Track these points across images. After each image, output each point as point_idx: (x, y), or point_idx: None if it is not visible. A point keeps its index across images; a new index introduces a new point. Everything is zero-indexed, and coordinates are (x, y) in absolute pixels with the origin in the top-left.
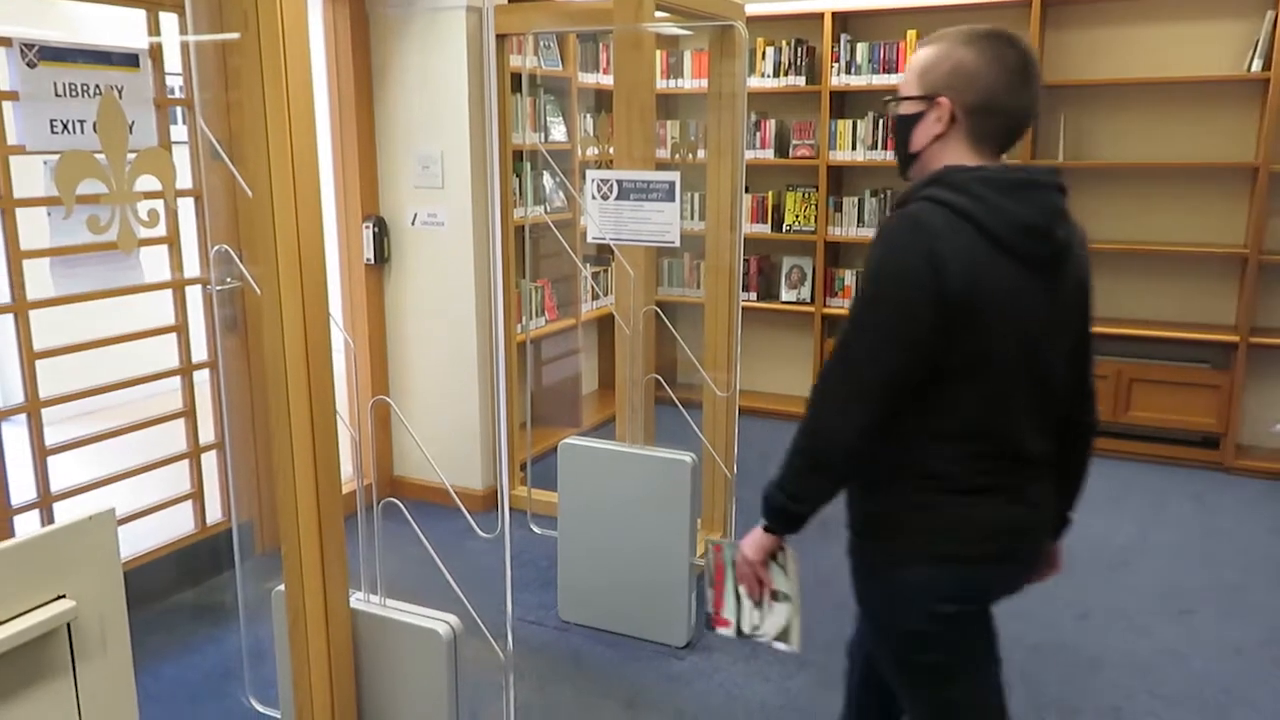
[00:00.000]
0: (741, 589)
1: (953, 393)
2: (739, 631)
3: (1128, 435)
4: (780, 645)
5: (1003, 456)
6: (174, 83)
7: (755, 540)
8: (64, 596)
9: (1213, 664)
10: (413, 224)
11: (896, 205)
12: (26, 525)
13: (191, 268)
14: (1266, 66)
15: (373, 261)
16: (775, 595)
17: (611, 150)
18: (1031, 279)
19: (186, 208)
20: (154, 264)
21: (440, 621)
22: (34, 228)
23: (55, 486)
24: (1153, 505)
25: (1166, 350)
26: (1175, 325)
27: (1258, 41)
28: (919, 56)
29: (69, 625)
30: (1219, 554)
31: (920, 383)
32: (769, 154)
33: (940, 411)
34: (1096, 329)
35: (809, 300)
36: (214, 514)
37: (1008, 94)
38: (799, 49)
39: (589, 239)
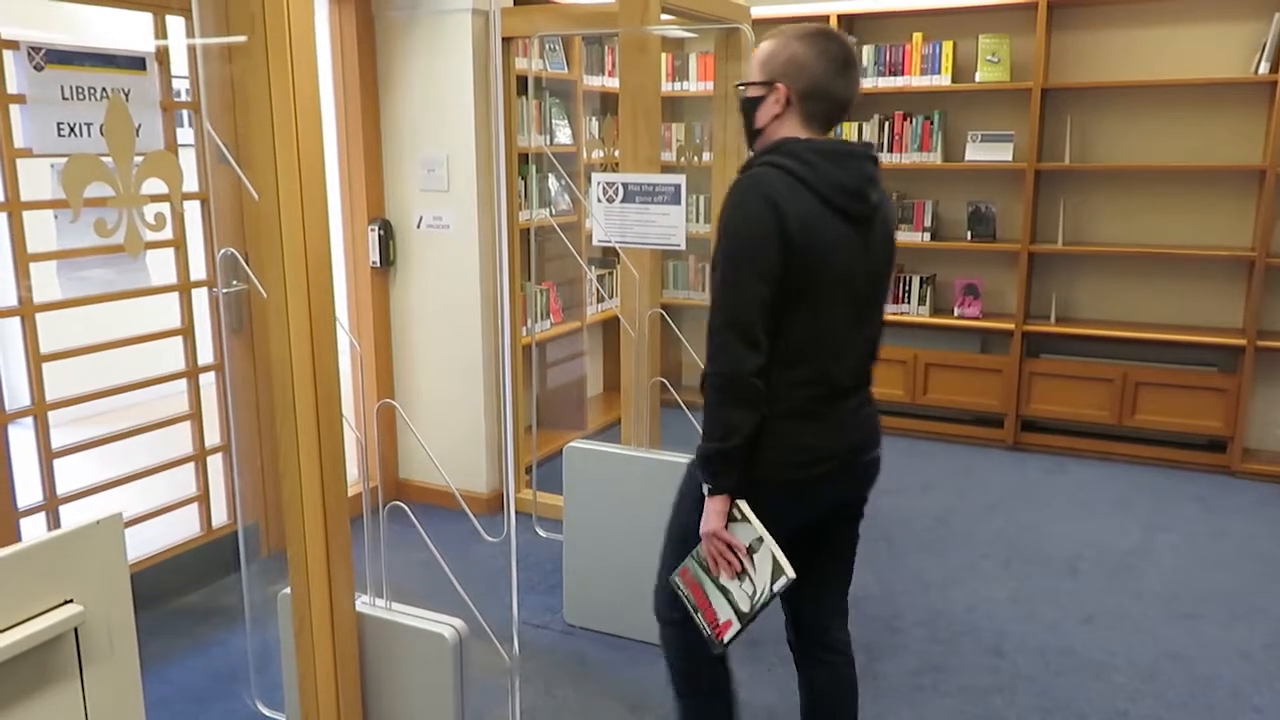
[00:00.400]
0: (722, 578)
1: (790, 327)
2: (742, 618)
3: (1134, 439)
4: (780, 585)
5: (830, 383)
6: (180, 86)
7: (709, 511)
8: (71, 601)
9: (1219, 668)
10: (418, 227)
11: (742, 170)
12: (33, 528)
13: (197, 271)
14: (1274, 69)
15: (378, 264)
16: (750, 549)
17: (617, 153)
18: (851, 231)
19: (192, 211)
20: (160, 267)
21: (446, 625)
22: (41, 231)
23: (61, 489)
24: (1158, 509)
25: (1173, 353)
26: (1182, 328)
27: (1265, 44)
28: (761, 49)
29: (76, 630)
30: (1225, 558)
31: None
32: None
33: (780, 338)
34: (1103, 332)
35: None
36: (220, 517)
37: (832, 82)
38: None
39: (594, 242)
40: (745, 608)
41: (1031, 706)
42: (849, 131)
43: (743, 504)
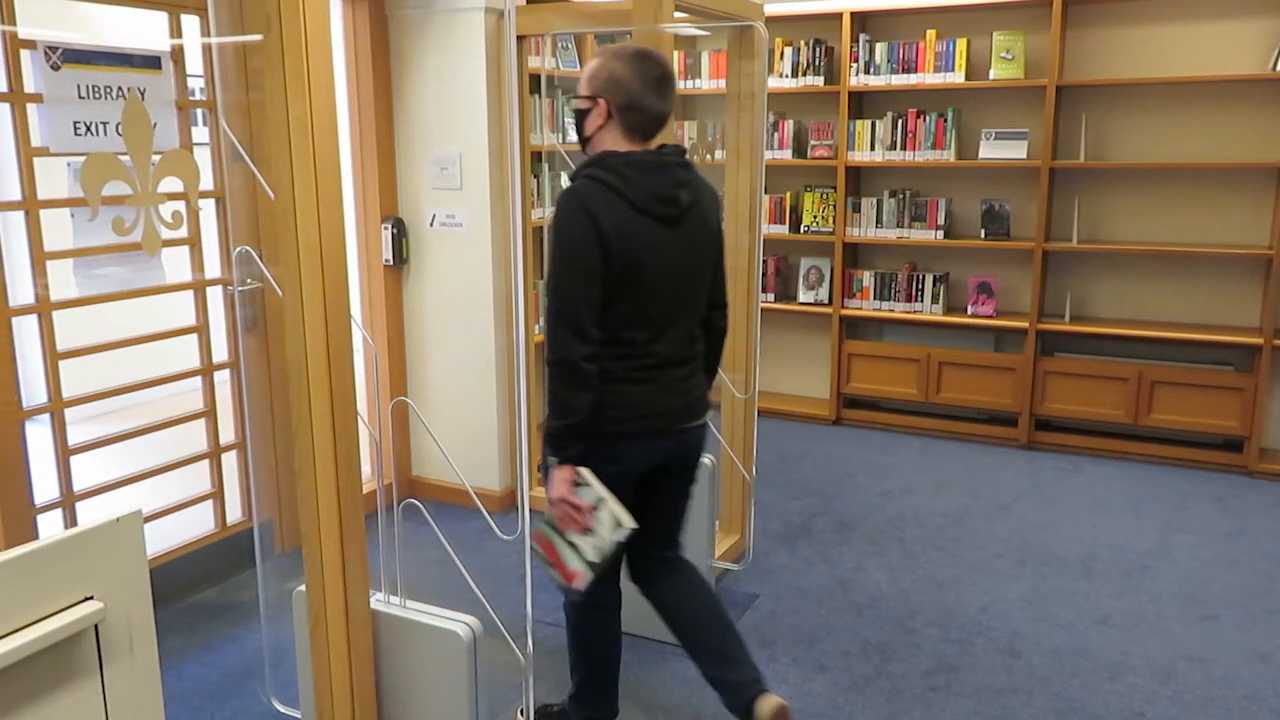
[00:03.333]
0: (570, 534)
1: (613, 313)
2: (592, 567)
3: (1150, 438)
4: (620, 535)
5: (650, 357)
6: (194, 84)
7: (556, 479)
8: (92, 598)
9: (1236, 669)
10: (431, 225)
11: (571, 178)
12: (49, 524)
13: (212, 268)
14: None
15: (391, 263)
16: (594, 508)
17: None
18: (665, 231)
19: (206, 209)
20: (175, 265)
21: (460, 622)
22: (57, 229)
23: (78, 485)
24: (1174, 509)
25: (1189, 352)
26: (1198, 327)
27: None
28: (587, 67)
29: (96, 626)
30: (1242, 558)
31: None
32: (787, 154)
33: (609, 321)
34: (1118, 330)
35: (827, 301)
36: (234, 513)
37: (647, 98)
38: (817, 49)
39: None
40: (594, 557)
41: (1046, 708)
42: (861, 130)
43: (585, 471)
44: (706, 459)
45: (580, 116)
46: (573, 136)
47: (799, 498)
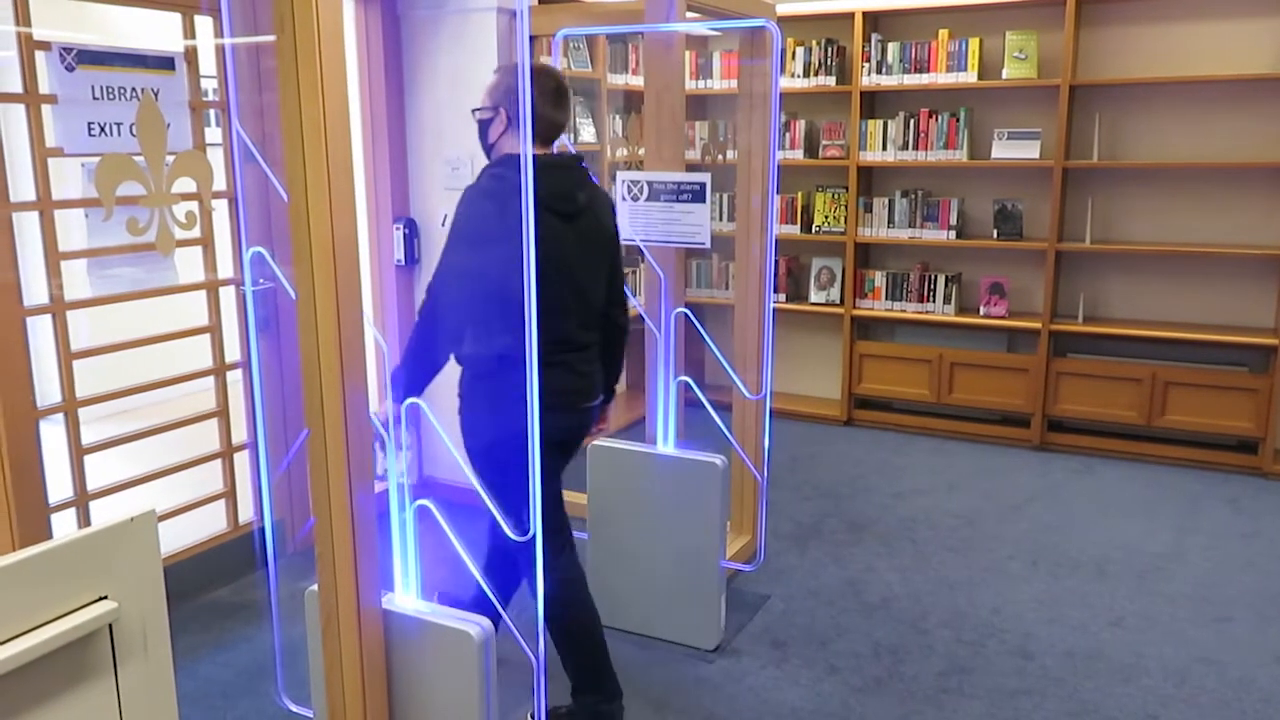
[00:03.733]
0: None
1: None
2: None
3: (1163, 439)
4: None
5: (559, 342)
6: (207, 85)
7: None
8: (106, 597)
9: (1251, 672)
10: (443, 225)
11: (477, 178)
12: (63, 523)
13: (224, 268)
14: None
15: (403, 263)
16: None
17: (641, 151)
18: (563, 226)
19: (219, 209)
20: (187, 265)
21: (472, 624)
22: (70, 229)
23: (90, 485)
24: (1188, 510)
25: (1203, 353)
26: (1212, 328)
27: None
28: (490, 82)
29: (111, 626)
30: (1257, 560)
31: None
32: (798, 154)
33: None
34: (1132, 331)
35: (838, 301)
36: (246, 513)
37: (545, 108)
38: (829, 49)
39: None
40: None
41: (1060, 710)
42: (872, 130)
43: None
44: (718, 459)
45: (484, 126)
46: (585, 137)
47: (810, 499)
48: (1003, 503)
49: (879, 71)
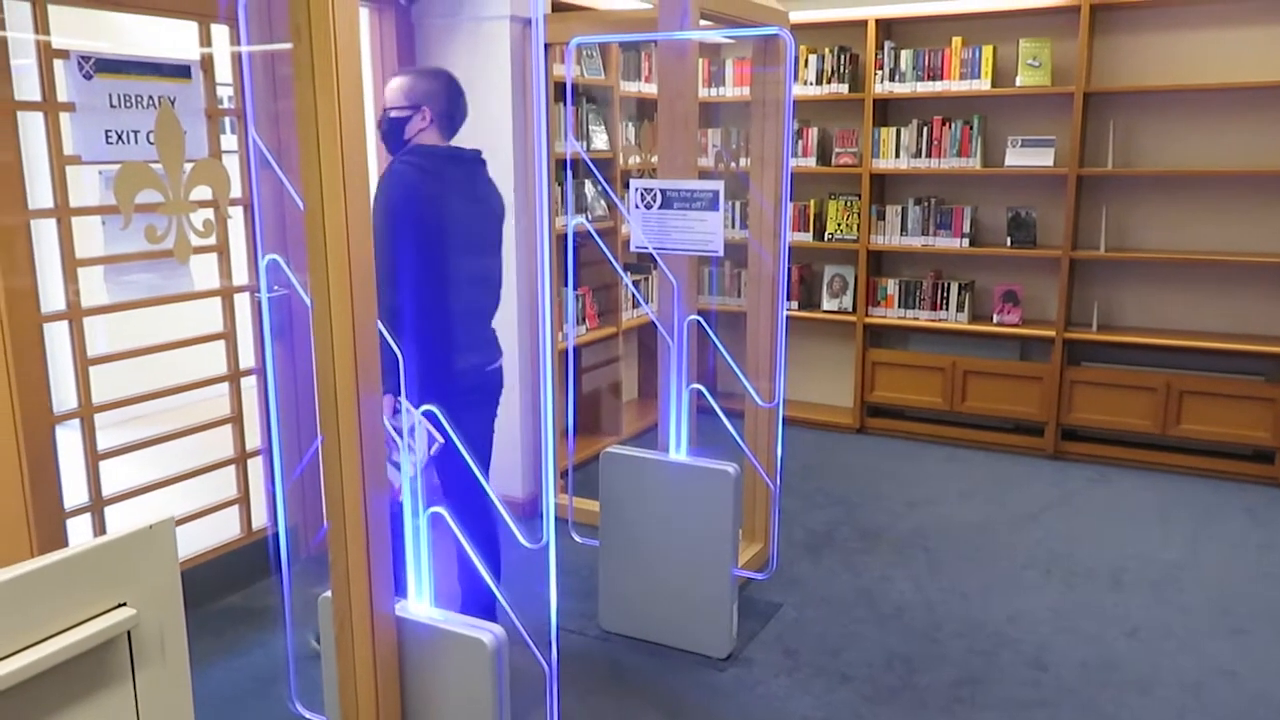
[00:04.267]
0: (395, 456)
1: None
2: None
3: (1178, 449)
4: (435, 450)
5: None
6: (223, 93)
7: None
8: (125, 604)
9: (1269, 684)
10: None
11: (389, 165)
12: (78, 528)
13: (239, 275)
14: None
15: None
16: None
17: (653, 159)
18: (473, 209)
19: (234, 216)
20: (203, 271)
21: (485, 630)
22: (87, 236)
23: (106, 490)
24: (1204, 520)
25: (1218, 362)
26: (1227, 336)
27: None
28: (402, 84)
29: (129, 633)
30: (1274, 571)
31: None
32: (811, 162)
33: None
34: (1146, 340)
35: (851, 309)
36: (259, 519)
37: (454, 105)
38: (842, 56)
39: (631, 247)
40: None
41: None
42: (885, 137)
43: (402, 399)
44: (730, 467)
45: (400, 124)
46: (598, 144)
47: (823, 507)
48: (1016, 512)
49: (892, 79)
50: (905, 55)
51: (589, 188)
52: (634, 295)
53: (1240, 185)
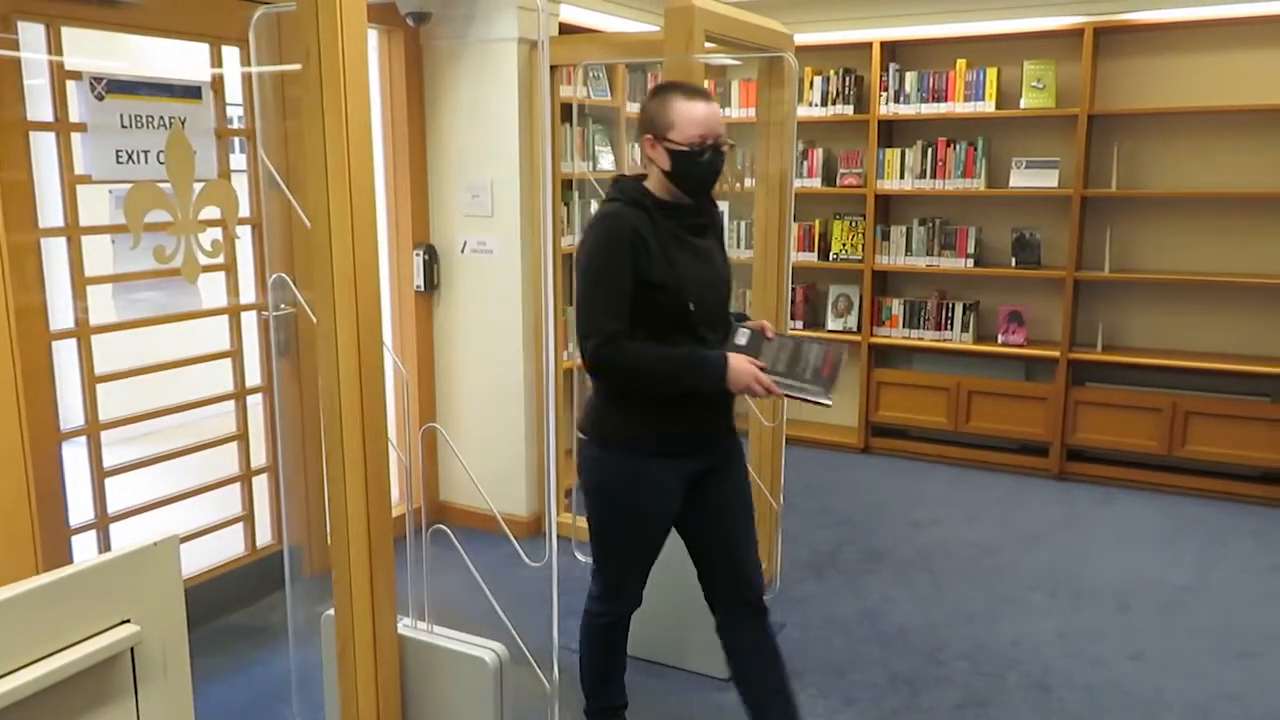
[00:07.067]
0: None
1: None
2: (826, 384)
3: (1185, 470)
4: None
5: None
6: (233, 113)
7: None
8: (128, 621)
9: (1276, 707)
10: (462, 251)
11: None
12: (83, 546)
13: (247, 294)
14: None
15: (422, 288)
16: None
17: None
18: None
19: (242, 235)
20: (211, 290)
21: (486, 649)
22: (96, 255)
23: (112, 507)
24: (1211, 542)
25: (1225, 383)
26: (1234, 357)
27: None
28: (714, 110)
29: (133, 649)
30: None
31: None
32: (816, 182)
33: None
34: (1151, 360)
35: (856, 329)
36: (264, 537)
37: None
38: (847, 78)
39: None
40: (823, 385)
41: None
42: (890, 158)
43: (740, 333)
44: None
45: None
46: (603, 164)
47: (827, 527)
48: (1021, 532)
49: (897, 100)
50: (910, 77)
51: (595, 207)
52: None
53: (1244, 207)
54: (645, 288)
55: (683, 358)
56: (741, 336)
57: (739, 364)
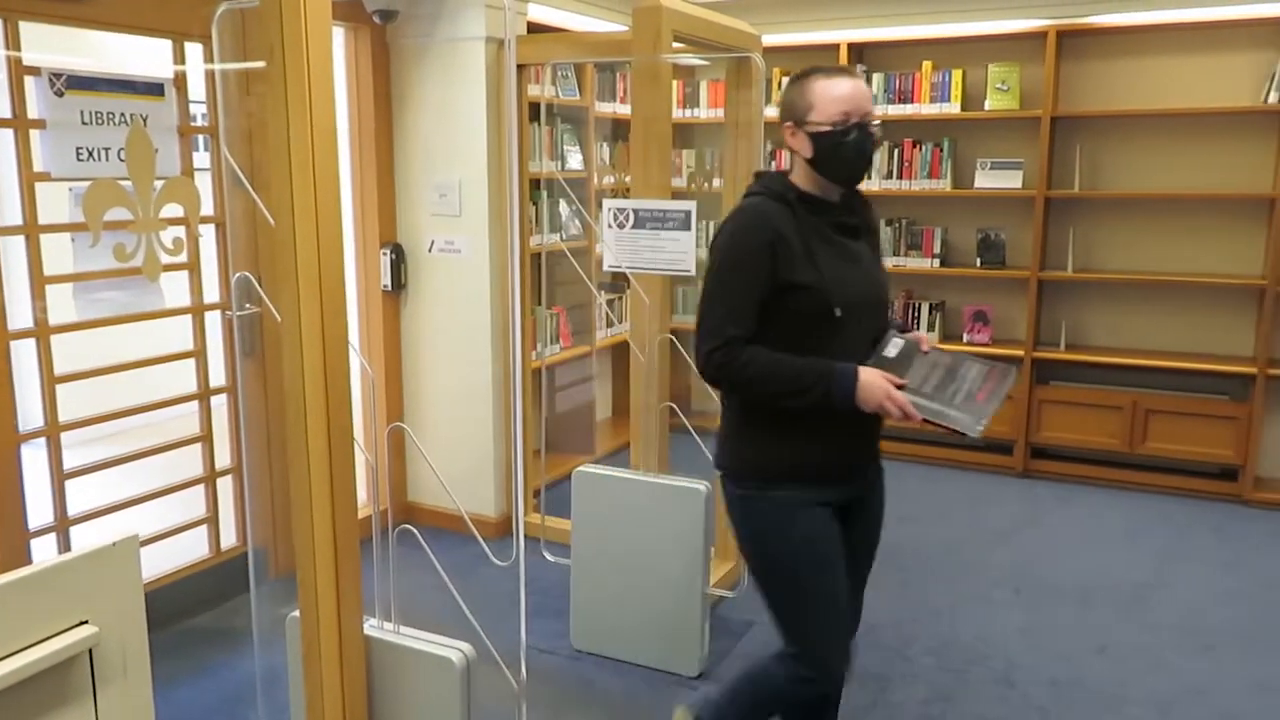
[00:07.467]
0: (934, 406)
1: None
2: (978, 414)
3: (1145, 467)
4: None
5: None
6: (196, 110)
7: (869, 395)
8: (86, 622)
9: (1237, 700)
10: (430, 251)
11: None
12: (43, 549)
13: (210, 293)
14: None
15: (390, 288)
16: (947, 369)
17: (627, 179)
18: None
19: (206, 234)
20: (173, 289)
21: (454, 649)
22: (57, 253)
23: (72, 510)
24: (1172, 538)
25: (1184, 381)
26: (1193, 356)
27: (1275, 73)
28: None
29: (91, 651)
30: (1240, 588)
31: None
32: None
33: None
34: (1113, 359)
35: None
36: (228, 538)
37: None
38: None
39: (605, 267)
40: (974, 414)
41: None
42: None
43: (892, 344)
44: (702, 485)
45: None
46: (572, 164)
47: None
48: (986, 530)
49: None
50: (877, 79)
51: (563, 207)
52: (608, 314)
53: (1203, 208)
54: (785, 289)
55: (808, 367)
56: (892, 348)
57: (871, 379)
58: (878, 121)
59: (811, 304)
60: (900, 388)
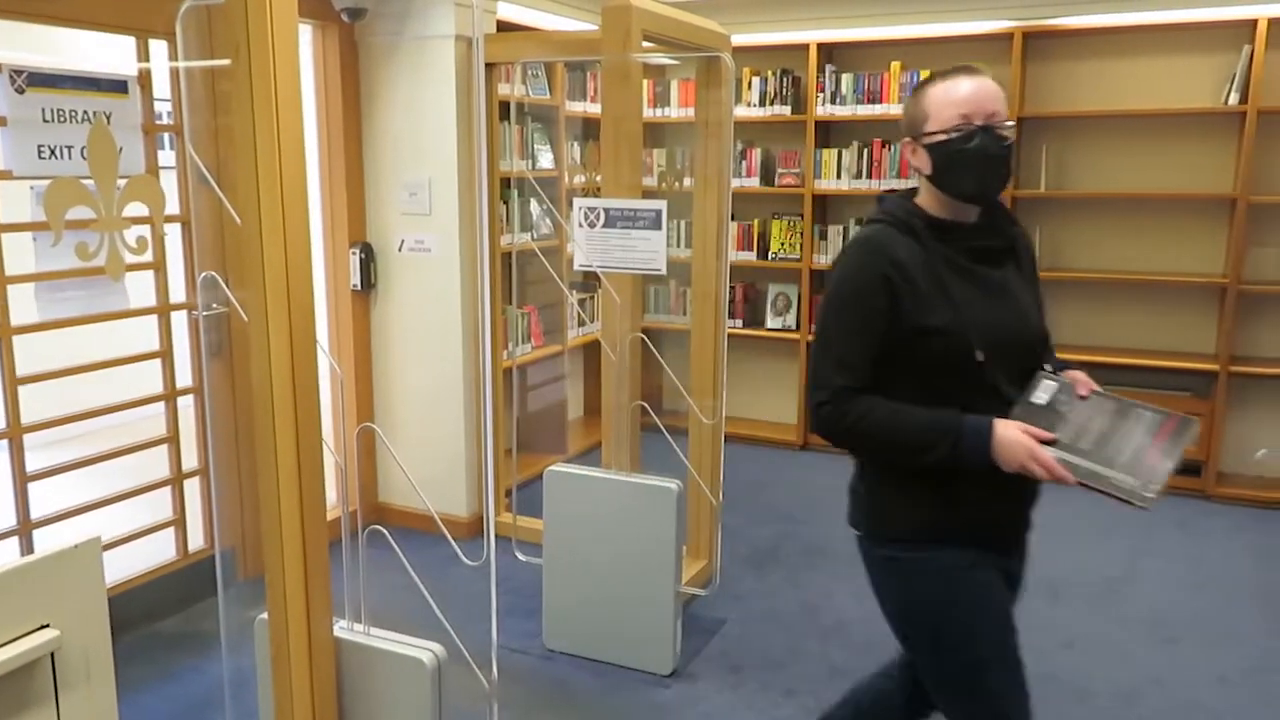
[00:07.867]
0: (1088, 467)
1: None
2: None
3: None
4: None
5: None
6: (161, 108)
7: (1011, 453)
8: (48, 626)
9: (1199, 692)
10: (399, 250)
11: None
12: (4, 552)
13: (177, 293)
14: (1243, 100)
15: (359, 287)
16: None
17: (598, 178)
18: None
19: (171, 233)
20: (139, 289)
21: (424, 650)
22: (19, 253)
23: (35, 513)
24: (1137, 534)
25: (1147, 379)
26: (1156, 354)
27: (1234, 75)
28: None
29: (53, 655)
30: (1203, 582)
31: None
32: (755, 182)
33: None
34: (1078, 356)
35: (794, 327)
36: (196, 541)
37: None
38: (784, 79)
39: (575, 266)
40: (1143, 476)
41: None
42: (827, 159)
43: (1043, 387)
44: (673, 484)
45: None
46: (543, 163)
47: (767, 523)
48: None
49: (833, 102)
50: (846, 79)
51: (534, 206)
52: (579, 313)
53: (1166, 208)
54: (915, 334)
55: (933, 421)
56: (1043, 392)
57: (1009, 435)
58: (1011, 123)
59: (947, 350)
60: (1049, 443)
